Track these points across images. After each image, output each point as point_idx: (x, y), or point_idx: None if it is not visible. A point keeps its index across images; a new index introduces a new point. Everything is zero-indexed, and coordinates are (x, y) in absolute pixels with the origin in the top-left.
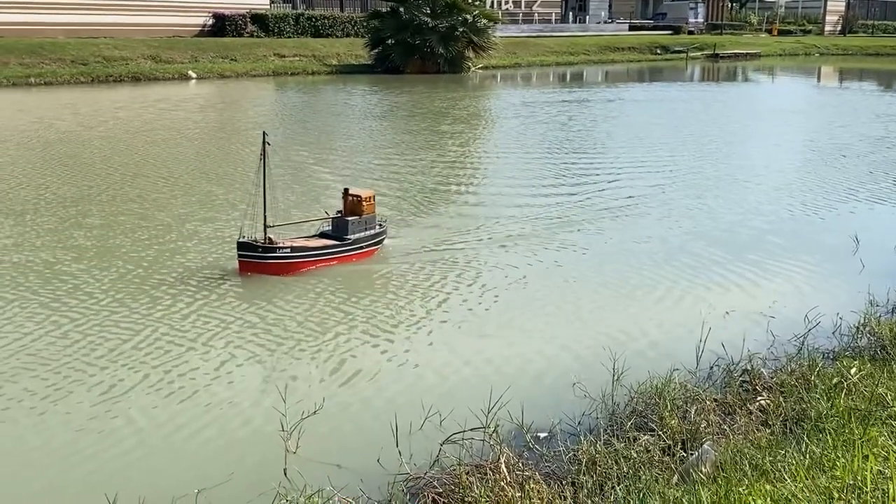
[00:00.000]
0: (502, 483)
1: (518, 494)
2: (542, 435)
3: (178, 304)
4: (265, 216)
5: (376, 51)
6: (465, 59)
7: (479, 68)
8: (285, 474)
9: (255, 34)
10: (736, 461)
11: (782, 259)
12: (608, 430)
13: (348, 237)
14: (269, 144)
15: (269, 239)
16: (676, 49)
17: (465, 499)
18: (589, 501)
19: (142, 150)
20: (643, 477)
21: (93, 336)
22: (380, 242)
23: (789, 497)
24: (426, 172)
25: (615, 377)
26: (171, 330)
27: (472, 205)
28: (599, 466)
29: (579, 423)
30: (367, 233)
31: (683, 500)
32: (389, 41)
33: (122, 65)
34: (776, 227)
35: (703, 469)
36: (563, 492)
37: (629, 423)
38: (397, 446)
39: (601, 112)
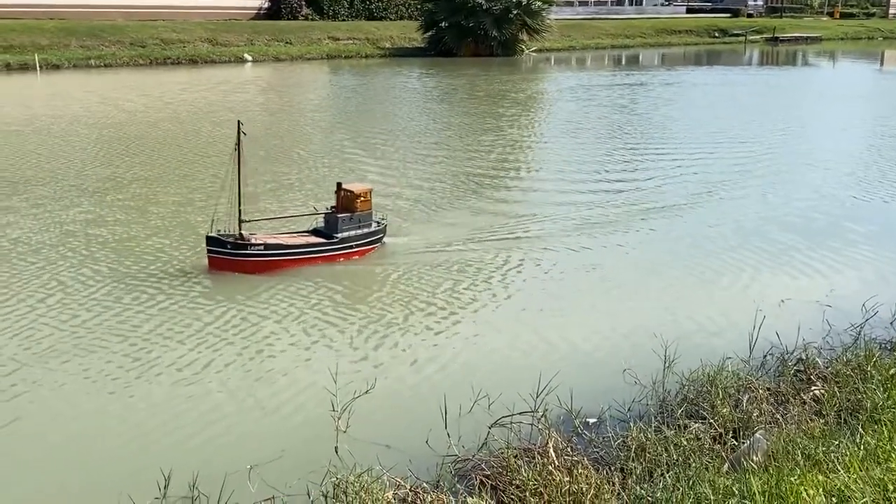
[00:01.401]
0: (550, 467)
1: (566, 479)
2: (592, 420)
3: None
4: (240, 210)
5: (429, 33)
6: (518, 42)
7: (532, 51)
8: (336, 452)
9: (310, 17)
10: (788, 451)
11: (843, 246)
12: (658, 417)
13: (336, 235)
14: (244, 134)
15: (241, 235)
16: (735, 32)
17: (513, 481)
18: (637, 487)
19: (209, 130)
20: (693, 464)
21: (161, 317)
22: (375, 242)
23: (842, 488)
24: (485, 156)
25: (666, 364)
26: (212, 316)
27: (532, 190)
28: (649, 453)
29: (629, 409)
30: (360, 231)
31: (734, 489)
32: (443, 24)
33: (179, 47)
34: (845, 213)
35: (754, 458)
36: (611, 477)
37: (680, 411)
38: (446, 428)
39: (661, 96)
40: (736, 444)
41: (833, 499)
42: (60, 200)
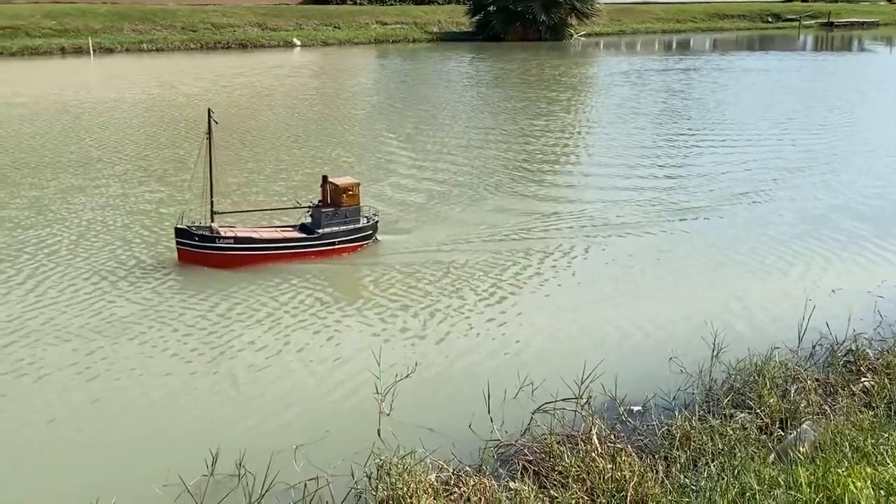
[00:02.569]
0: (593, 454)
1: (609, 466)
2: (636, 408)
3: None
4: (212, 202)
5: (477, 18)
6: (567, 27)
7: (581, 35)
8: (379, 435)
9: (358, 1)
10: (836, 442)
11: None
12: (704, 406)
13: (318, 231)
14: (216, 122)
15: (211, 227)
16: (788, 17)
17: (556, 468)
18: (681, 476)
19: (266, 113)
20: (738, 454)
21: (216, 297)
22: (363, 239)
23: (891, 481)
24: (538, 141)
25: (714, 353)
26: (265, 298)
27: (589, 175)
28: (693, 442)
29: (674, 398)
30: (345, 227)
31: (780, 479)
32: (491, 8)
33: (229, 32)
34: None
35: (801, 449)
36: (655, 465)
37: (726, 400)
38: (489, 413)
39: (715, 81)
40: (783, 434)
41: (881, 492)
42: (128, 181)
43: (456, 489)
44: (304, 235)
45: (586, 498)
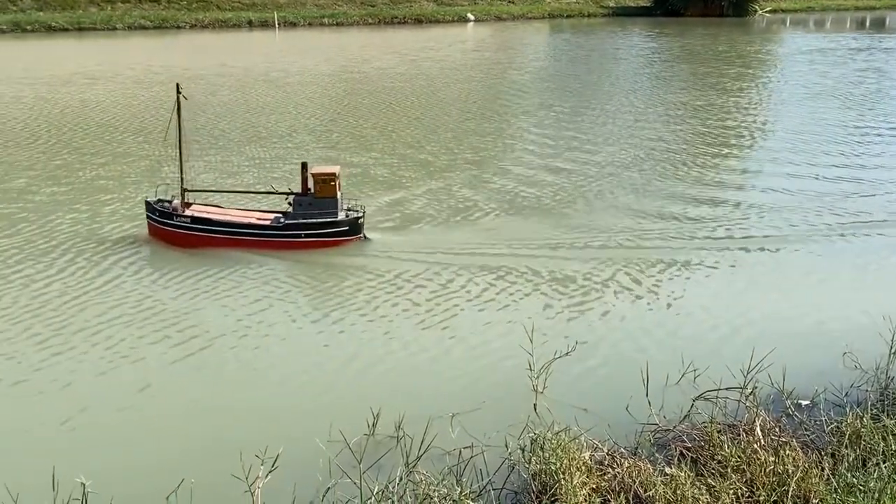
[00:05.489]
0: (755, 445)
1: (771, 458)
2: (804, 402)
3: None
4: (182, 178)
5: None
6: (751, 2)
7: (766, 12)
8: (534, 410)
9: None
10: None
11: None
12: (877, 405)
13: (282, 222)
14: (185, 98)
15: (170, 204)
16: None
17: (715, 456)
18: (848, 475)
19: (458, 87)
20: None
21: (372, 281)
22: (344, 234)
23: None
24: (718, 118)
25: (892, 350)
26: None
27: (764, 160)
28: (864, 441)
29: (846, 394)
30: (316, 220)
31: None
32: None
33: (406, 7)
34: None
35: None
36: (820, 462)
37: None
38: (647, 396)
39: None
40: None
41: None
42: (347, 148)
43: (610, 469)
44: (269, 224)
45: (745, 489)
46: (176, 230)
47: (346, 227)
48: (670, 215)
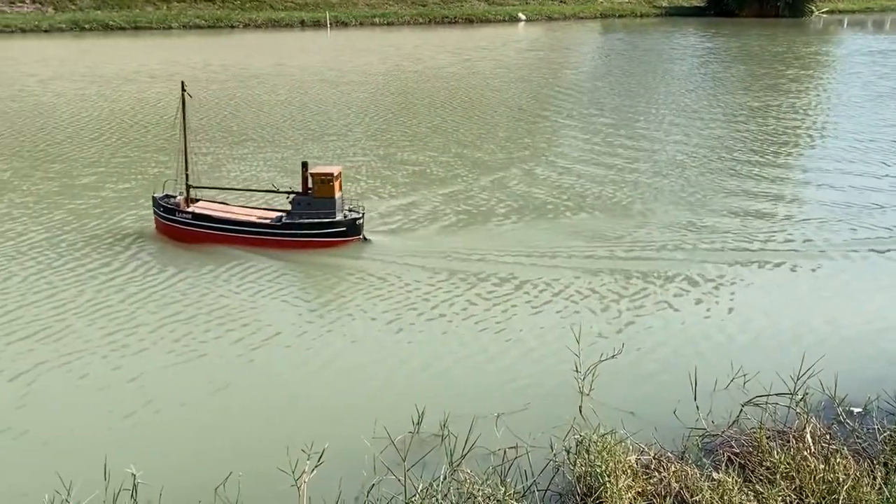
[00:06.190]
0: (805, 452)
1: (822, 466)
2: (857, 410)
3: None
4: (186, 174)
5: None
6: (808, 3)
7: (823, 12)
8: (580, 412)
9: None
10: None
11: None
12: None
13: (288, 220)
14: (190, 97)
15: (178, 201)
16: None
17: (763, 462)
18: None
19: (515, 87)
20: None
21: (422, 277)
22: (342, 235)
23: None
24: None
25: None
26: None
27: (825, 164)
28: None
29: None
30: (314, 221)
31: None
32: None
33: (457, 7)
34: None
35: None
36: (872, 471)
37: None
38: (695, 401)
39: None
40: None
41: None
42: (406, 147)
43: (656, 473)
44: (268, 223)
45: (794, 497)
46: (178, 226)
47: (344, 228)
48: (732, 218)
